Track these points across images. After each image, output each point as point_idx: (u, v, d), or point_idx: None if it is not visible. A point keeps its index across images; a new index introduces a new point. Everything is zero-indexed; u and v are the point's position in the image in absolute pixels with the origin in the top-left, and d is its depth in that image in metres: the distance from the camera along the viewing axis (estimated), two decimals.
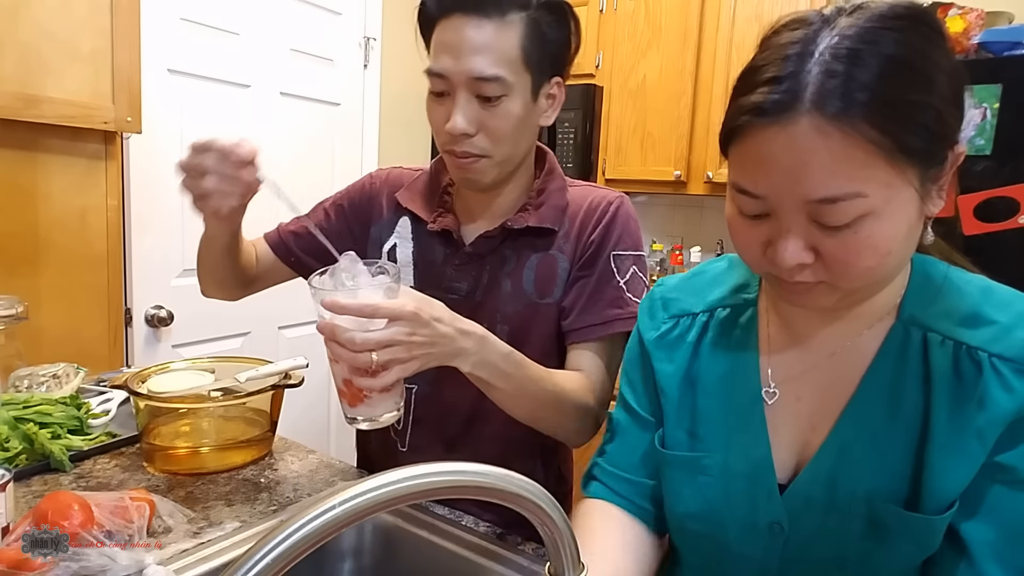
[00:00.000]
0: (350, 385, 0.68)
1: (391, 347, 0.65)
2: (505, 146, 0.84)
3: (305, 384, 1.04)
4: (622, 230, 0.91)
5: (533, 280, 0.90)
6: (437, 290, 0.87)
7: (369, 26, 2.53)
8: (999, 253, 1.50)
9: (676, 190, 2.36)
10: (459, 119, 0.81)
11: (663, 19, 2.33)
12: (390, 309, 0.64)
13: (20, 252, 1.42)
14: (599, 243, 0.90)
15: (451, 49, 0.80)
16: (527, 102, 0.84)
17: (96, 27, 1.45)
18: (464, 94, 0.81)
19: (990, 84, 1.48)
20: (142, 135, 1.67)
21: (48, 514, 0.69)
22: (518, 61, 0.80)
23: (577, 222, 0.92)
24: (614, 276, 0.89)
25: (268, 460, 1.02)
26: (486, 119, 0.82)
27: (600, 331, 0.88)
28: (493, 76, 0.79)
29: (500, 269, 0.91)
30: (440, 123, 0.84)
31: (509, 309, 0.90)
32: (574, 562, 0.49)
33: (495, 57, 0.79)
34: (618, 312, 0.88)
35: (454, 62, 0.80)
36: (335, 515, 0.37)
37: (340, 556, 0.89)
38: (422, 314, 0.66)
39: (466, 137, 0.82)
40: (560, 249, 0.91)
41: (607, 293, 0.89)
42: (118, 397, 1.16)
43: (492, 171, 0.86)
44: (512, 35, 0.80)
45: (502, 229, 0.90)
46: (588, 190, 0.95)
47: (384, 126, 2.64)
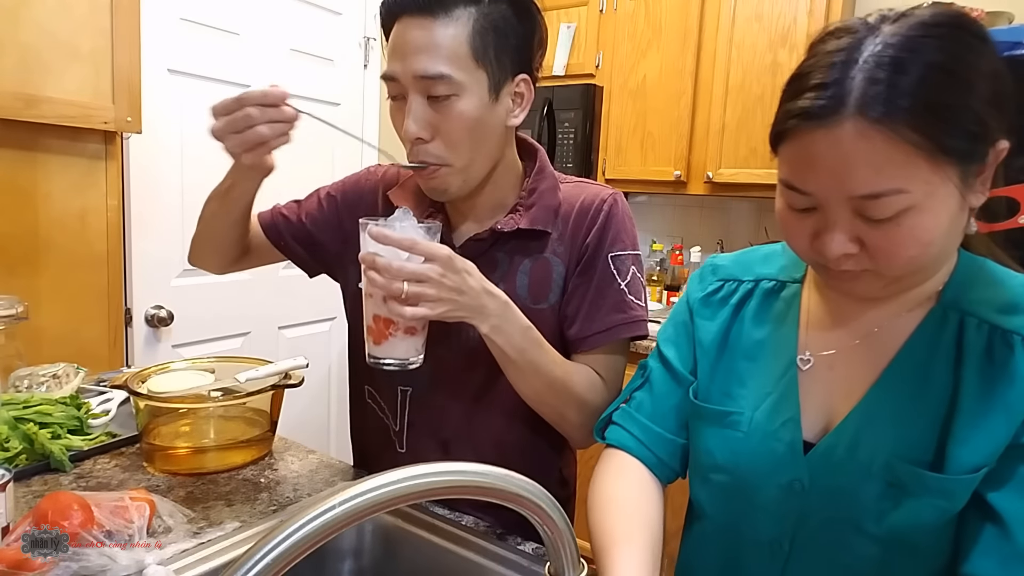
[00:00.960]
0: (378, 321, 0.75)
1: (422, 282, 0.70)
2: (463, 151, 0.81)
3: (305, 384, 1.04)
4: (618, 230, 0.89)
5: (527, 285, 0.88)
6: None
7: (369, 26, 2.53)
8: None
9: (676, 190, 2.36)
10: (410, 123, 0.79)
11: (663, 19, 2.33)
12: (427, 247, 0.71)
13: (20, 252, 1.42)
14: (595, 245, 0.87)
15: (398, 51, 0.79)
16: (484, 102, 0.80)
17: (96, 27, 1.45)
18: (414, 96, 0.79)
19: None
20: (142, 135, 1.67)
21: (48, 514, 0.69)
22: (467, 57, 0.78)
23: (570, 223, 0.89)
24: (615, 279, 0.87)
25: (268, 460, 1.02)
26: (438, 122, 0.79)
27: (605, 338, 0.87)
28: (437, 74, 0.77)
29: (492, 273, 0.87)
30: (399, 129, 0.82)
31: None
32: (574, 562, 0.49)
33: (440, 55, 0.77)
34: (622, 317, 0.87)
35: (401, 63, 0.78)
36: (335, 515, 0.37)
37: (340, 556, 0.89)
38: (456, 260, 0.72)
39: (421, 143, 0.80)
40: (554, 252, 0.88)
41: (609, 298, 0.87)
42: (118, 397, 1.16)
43: (455, 180, 0.83)
44: (459, 31, 0.77)
45: (491, 232, 0.87)
46: (580, 187, 0.92)
47: (384, 126, 2.64)
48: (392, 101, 0.83)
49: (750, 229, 2.53)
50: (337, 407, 2.64)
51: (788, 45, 2.10)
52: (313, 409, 2.56)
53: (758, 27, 2.15)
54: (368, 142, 0.86)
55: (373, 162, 2.61)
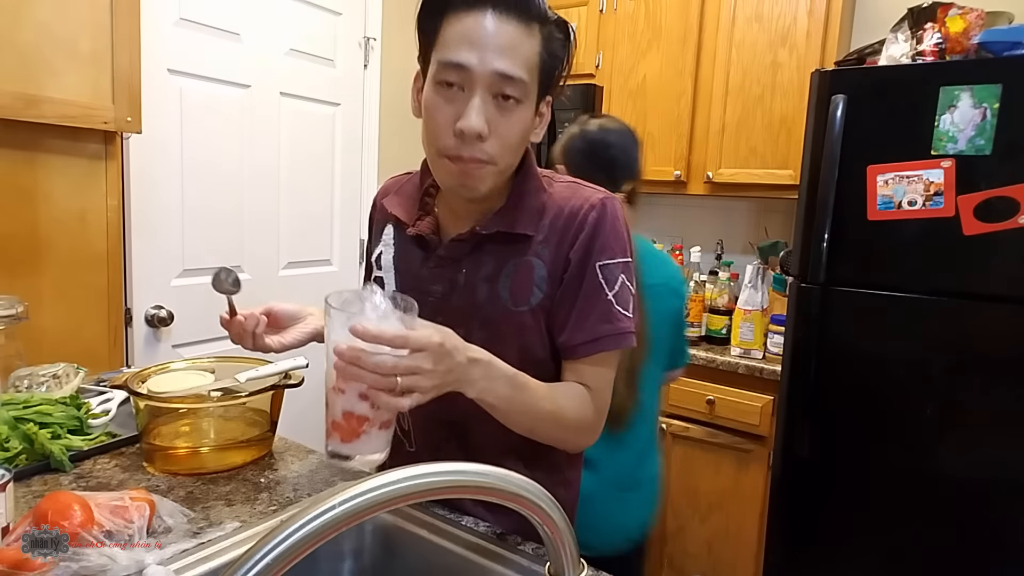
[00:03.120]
0: (350, 418, 0.69)
1: (415, 375, 0.67)
2: (509, 155, 0.82)
3: (305, 384, 1.04)
4: (606, 237, 0.86)
5: (508, 287, 0.87)
6: (416, 292, 0.86)
7: (369, 26, 2.53)
8: (999, 253, 1.50)
9: (676, 190, 2.36)
10: (475, 117, 0.76)
11: (663, 19, 2.33)
12: (419, 340, 0.67)
13: (20, 252, 1.42)
14: (583, 255, 0.85)
15: (475, 43, 0.76)
16: (532, 114, 0.83)
17: (96, 27, 1.45)
18: (481, 91, 0.77)
19: (990, 84, 1.48)
20: (142, 135, 1.67)
21: (48, 514, 0.69)
22: (535, 71, 0.80)
23: (558, 228, 0.87)
24: (602, 289, 0.86)
25: (268, 460, 1.02)
26: (499, 123, 0.78)
27: (591, 348, 0.86)
28: (519, 77, 0.77)
29: (477, 273, 0.88)
30: (447, 122, 0.79)
31: (484, 314, 0.87)
32: (574, 562, 0.49)
33: (521, 60, 0.77)
34: (608, 328, 0.86)
35: (479, 56, 0.76)
36: (335, 515, 0.37)
37: (340, 556, 0.89)
38: (445, 342, 0.70)
39: (478, 140, 0.78)
40: (538, 255, 0.87)
41: (596, 308, 0.86)
42: (118, 397, 1.17)
43: (491, 180, 0.83)
44: (534, 43, 0.79)
45: (472, 233, 0.87)
46: (572, 189, 0.90)
47: (384, 126, 2.64)
48: (439, 88, 0.79)
49: (750, 229, 2.53)
50: None
51: (788, 45, 2.10)
52: (313, 409, 2.55)
53: (758, 27, 2.15)
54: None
55: (373, 161, 2.61)
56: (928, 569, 1.62)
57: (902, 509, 1.64)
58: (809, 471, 1.75)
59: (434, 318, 0.83)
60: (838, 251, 1.66)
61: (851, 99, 1.62)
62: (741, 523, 2.06)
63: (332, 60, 2.42)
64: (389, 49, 2.61)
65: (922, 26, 1.66)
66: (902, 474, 1.63)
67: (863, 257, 1.66)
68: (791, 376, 1.76)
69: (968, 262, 1.53)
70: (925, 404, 1.60)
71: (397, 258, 0.96)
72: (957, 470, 1.57)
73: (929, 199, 1.56)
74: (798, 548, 1.80)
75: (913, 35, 1.68)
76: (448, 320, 0.82)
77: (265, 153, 2.22)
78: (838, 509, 1.73)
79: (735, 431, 2.04)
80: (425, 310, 0.84)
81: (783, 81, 2.12)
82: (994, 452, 1.54)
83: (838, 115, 1.62)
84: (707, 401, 2.06)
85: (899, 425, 1.63)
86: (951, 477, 1.58)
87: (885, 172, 1.61)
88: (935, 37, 1.62)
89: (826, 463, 1.73)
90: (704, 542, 2.13)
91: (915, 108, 1.56)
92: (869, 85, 1.63)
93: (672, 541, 2.18)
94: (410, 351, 0.67)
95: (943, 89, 1.53)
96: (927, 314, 1.59)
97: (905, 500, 1.64)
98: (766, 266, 2.18)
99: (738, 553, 2.07)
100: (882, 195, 1.61)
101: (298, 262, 2.40)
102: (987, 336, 1.54)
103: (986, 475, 1.55)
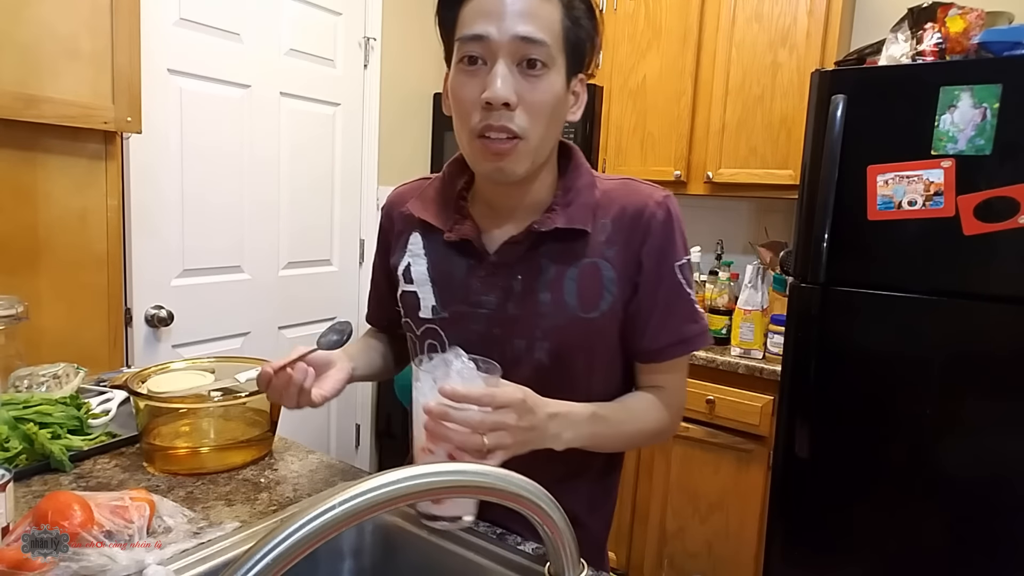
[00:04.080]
0: None
1: (499, 431, 0.68)
2: (540, 127, 0.77)
3: None
4: (677, 236, 0.84)
5: (576, 292, 0.82)
6: (464, 305, 0.85)
7: (369, 26, 2.53)
8: (999, 253, 1.50)
9: (676, 190, 2.35)
10: (500, 85, 0.73)
11: (663, 19, 2.33)
12: (504, 397, 0.68)
13: (20, 252, 1.42)
14: (658, 256, 0.83)
15: (492, 13, 0.74)
16: (563, 86, 0.78)
17: (96, 27, 1.45)
18: (505, 61, 0.74)
19: (990, 84, 1.48)
20: (142, 135, 1.67)
21: (48, 514, 0.69)
22: (559, 38, 0.76)
23: (623, 227, 0.83)
24: (683, 289, 0.84)
25: (268, 460, 1.02)
26: (526, 91, 0.75)
27: (680, 350, 0.85)
28: (541, 40, 0.74)
29: (536, 279, 0.82)
30: (472, 97, 0.76)
31: (549, 323, 0.82)
32: (574, 562, 0.49)
33: (541, 23, 0.74)
34: (694, 328, 0.85)
35: (497, 24, 0.73)
36: (335, 515, 0.37)
37: (340, 556, 0.89)
38: (527, 400, 0.70)
39: (506, 109, 0.74)
40: (603, 256, 0.82)
41: (680, 308, 0.84)
42: (118, 397, 1.16)
43: (526, 159, 0.78)
44: (553, 8, 0.76)
45: (528, 233, 0.82)
46: (628, 187, 0.86)
47: (384, 126, 2.64)
48: (462, 66, 0.77)
49: (750, 229, 2.54)
50: (337, 407, 2.64)
51: (788, 45, 2.10)
52: (313, 409, 2.55)
53: (758, 27, 2.15)
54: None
55: (373, 161, 2.61)
56: (928, 569, 1.62)
57: (902, 509, 1.64)
58: (809, 471, 1.75)
59: (489, 331, 0.83)
60: (838, 251, 1.66)
61: (851, 99, 1.62)
62: (741, 523, 2.06)
63: (332, 60, 2.42)
64: (389, 49, 2.61)
65: (922, 26, 1.66)
66: (902, 474, 1.63)
67: (863, 257, 1.65)
68: (791, 376, 1.76)
69: (968, 262, 1.53)
70: (925, 404, 1.60)
71: (433, 269, 0.89)
72: (957, 470, 1.57)
73: (929, 199, 1.56)
74: (798, 548, 1.80)
75: (913, 35, 1.68)
76: (505, 332, 0.82)
77: (265, 153, 2.22)
78: (838, 509, 1.73)
79: (735, 431, 2.04)
80: (478, 323, 0.84)
81: (783, 81, 2.12)
82: (994, 452, 1.54)
83: (838, 115, 1.62)
84: (707, 401, 2.06)
85: (899, 425, 1.63)
86: (951, 477, 1.58)
87: (885, 172, 1.61)
88: (935, 37, 1.62)
89: (826, 463, 1.73)
90: (704, 542, 2.13)
91: (915, 108, 1.56)
92: (869, 85, 1.63)
93: (672, 541, 2.18)
94: (495, 407, 0.68)
95: (943, 89, 1.53)
96: (927, 314, 1.59)
97: (905, 500, 1.64)
98: (767, 266, 2.19)
99: (738, 553, 2.07)
100: (882, 195, 1.61)
101: (298, 262, 2.40)
102: (987, 336, 1.53)
103: (986, 475, 1.55)
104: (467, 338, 0.82)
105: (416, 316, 0.89)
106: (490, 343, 0.82)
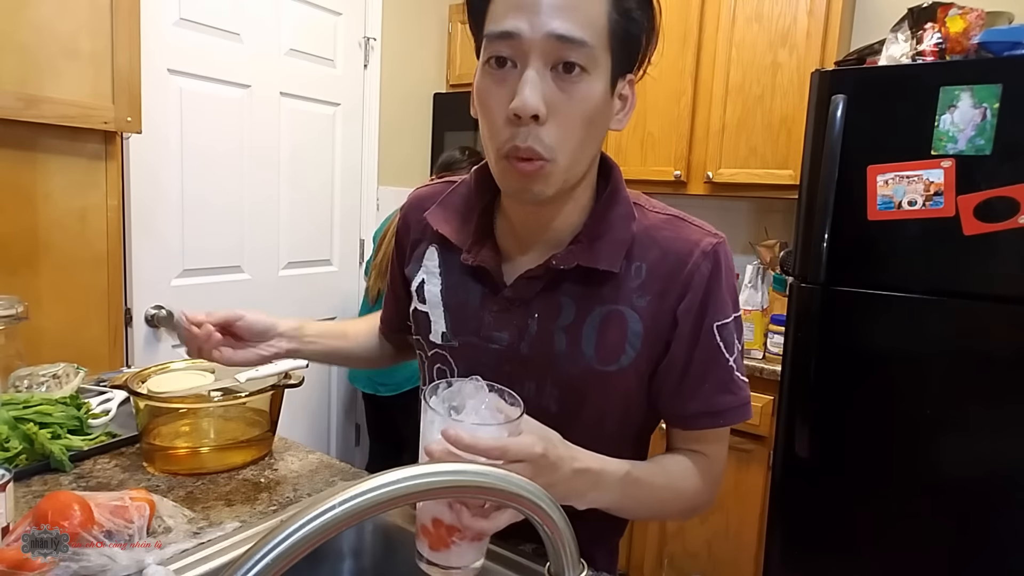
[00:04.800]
0: (439, 526, 0.60)
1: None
2: (572, 144, 0.67)
3: (305, 384, 1.04)
4: (723, 292, 0.73)
5: (595, 341, 0.73)
6: (475, 337, 0.77)
7: (369, 26, 2.53)
8: (999, 253, 1.50)
9: (676, 190, 2.35)
10: (529, 94, 0.62)
11: (663, 19, 2.32)
12: (520, 451, 0.57)
13: (20, 252, 1.42)
14: (697, 314, 0.72)
15: (525, 6, 0.63)
16: (605, 92, 0.67)
17: (96, 27, 1.45)
18: (535, 64, 0.63)
19: (990, 84, 1.47)
20: (142, 135, 1.67)
21: (48, 514, 0.69)
22: (603, 33, 0.65)
23: (660, 275, 0.73)
24: (721, 353, 0.73)
25: (268, 460, 1.02)
26: (560, 102, 0.64)
27: (710, 422, 0.75)
28: (579, 39, 0.62)
29: (553, 321, 0.74)
30: (499, 107, 0.65)
31: (562, 371, 0.74)
32: (574, 562, 0.49)
33: (580, 20, 0.63)
34: (729, 400, 0.74)
35: (530, 19, 0.62)
36: (335, 515, 0.37)
37: (340, 556, 0.89)
38: (549, 455, 0.60)
39: (534, 122, 0.64)
40: (631, 305, 0.72)
41: (714, 375, 0.74)
42: (118, 397, 1.16)
43: (557, 180, 0.68)
44: (599, 4, 0.64)
45: (546, 269, 0.73)
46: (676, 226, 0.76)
47: (384, 126, 2.64)
48: (489, 68, 0.66)
49: (750, 229, 2.53)
50: (337, 407, 2.64)
51: (788, 45, 2.10)
52: (313, 409, 2.56)
53: (758, 27, 2.15)
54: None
55: (373, 161, 2.61)
56: (928, 569, 1.62)
57: (902, 509, 1.64)
58: (809, 471, 1.75)
59: (500, 368, 0.74)
60: (838, 251, 1.65)
61: (851, 99, 1.62)
62: (741, 523, 2.06)
63: (332, 60, 2.42)
64: (389, 49, 2.61)
65: (922, 26, 1.66)
66: (902, 474, 1.63)
67: (863, 257, 1.65)
68: (791, 376, 1.76)
69: (968, 262, 1.53)
70: (925, 404, 1.60)
71: (447, 292, 0.81)
72: (957, 470, 1.57)
73: (929, 199, 1.56)
74: (798, 548, 1.80)
75: (913, 35, 1.68)
76: (516, 372, 0.74)
77: (265, 153, 2.22)
78: (838, 509, 1.73)
79: (735, 431, 2.03)
80: (489, 358, 0.76)
81: (783, 81, 2.12)
82: (994, 452, 1.53)
83: (838, 115, 1.62)
84: None
85: (899, 425, 1.63)
86: (951, 477, 1.58)
87: (885, 172, 1.61)
88: (935, 37, 1.62)
89: (826, 463, 1.73)
90: (704, 542, 2.13)
91: (915, 108, 1.56)
92: (869, 85, 1.63)
93: (672, 541, 2.18)
94: (507, 461, 0.56)
95: (943, 89, 1.52)
96: (927, 314, 1.59)
97: (905, 500, 1.63)
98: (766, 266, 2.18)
99: (738, 553, 2.07)
100: (882, 195, 1.61)
101: (298, 262, 2.40)
102: (987, 336, 1.53)
103: (986, 475, 1.55)
104: (476, 371, 0.72)
105: (427, 338, 0.83)
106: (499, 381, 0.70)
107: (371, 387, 2.28)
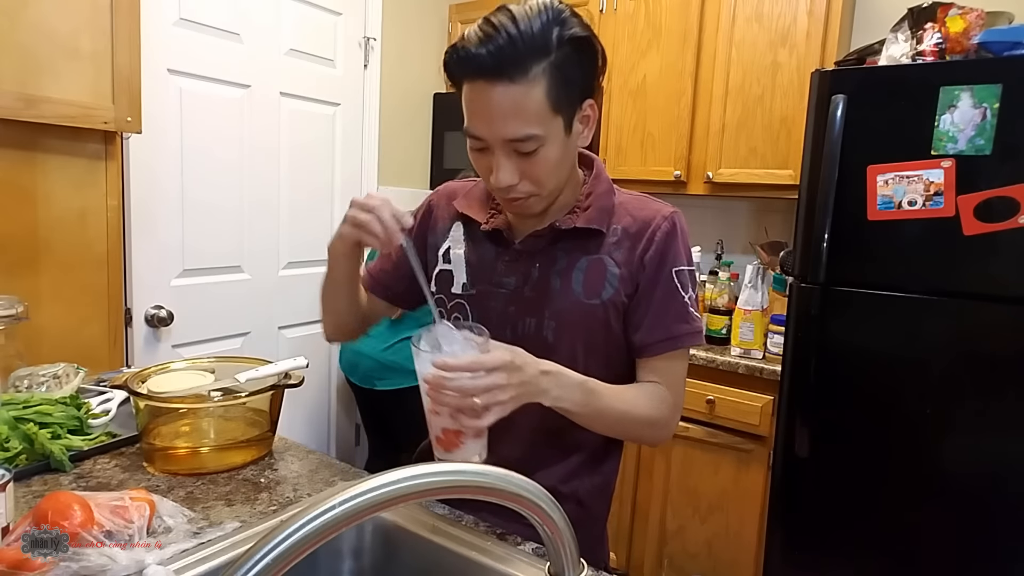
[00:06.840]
0: (448, 433, 0.80)
1: (492, 391, 0.75)
2: (550, 182, 0.88)
3: (305, 384, 1.04)
4: (679, 246, 0.94)
5: (582, 281, 0.93)
6: (488, 284, 0.97)
7: (369, 26, 2.53)
8: (999, 253, 1.50)
9: (676, 190, 2.36)
10: (502, 176, 0.84)
11: (663, 19, 2.33)
12: (492, 361, 0.75)
13: (20, 252, 1.42)
14: (658, 260, 0.92)
15: (482, 114, 0.82)
16: (562, 141, 0.85)
17: (96, 27, 1.45)
18: (502, 152, 0.83)
19: (990, 84, 1.47)
20: (142, 135, 1.67)
21: (48, 514, 0.69)
22: (547, 112, 0.81)
23: (631, 233, 0.93)
24: (679, 292, 0.93)
25: (268, 460, 1.02)
26: (527, 168, 0.84)
27: (668, 345, 0.92)
28: (525, 136, 0.81)
29: (551, 268, 0.94)
30: (485, 170, 0.88)
31: (556, 306, 0.93)
32: (574, 562, 0.49)
33: (524, 118, 0.80)
34: (684, 327, 0.93)
35: (487, 127, 0.82)
36: (335, 515, 0.37)
37: (340, 556, 0.89)
38: (515, 358, 0.77)
39: (511, 188, 0.86)
40: (610, 255, 0.93)
41: (673, 308, 0.92)
42: (118, 397, 1.17)
43: (544, 201, 0.90)
44: (537, 91, 0.79)
45: (550, 229, 0.93)
46: (643, 201, 0.98)
47: (384, 126, 2.64)
48: (473, 150, 0.88)
49: (750, 229, 2.54)
50: (337, 407, 2.64)
51: (788, 45, 2.10)
52: (313, 409, 2.56)
53: (758, 27, 2.15)
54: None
55: (373, 161, 2.61)
56: (928, 569, 1.62)
57: (902, 509, 1.64)
58: (809, 471, 1.75)
59: (506, 309, 0.95)
60: (838, 251, 1.66)
61: (851, 99, 1.62)
62: (741, 523, 2.06)
63: (332, 60, 2.42)
64: (389, 49, 2.61)
65: (922, 26, 1.66)
66: (902, 474, 1.63)
67: (863, 257, 1.65)
68: (791, 376, 1.76)
69: (968, 262, 1.53)
70: (925, 404, 1.60)
71: (469, 252, 1.01)
72: (957, 469, 1.57)
73: (929, 199, 1.56)
74: (798, 548, 1.80)
75: (913, 35, 1.68)
76: (519, 310, 0.94)
77: (265, 153, 2.22)
78: (838, 509, 1.73)
79: (735, 431, 2.04)
80: (498, 301, 0.96)
81: (783, 81, 2.12)
82: (994, 452, 1.54)
83: (838, 115, 1.62)
84: (707, 401, 2.06)
85: (899, 425, 1.63)
86: (951, 476, 1.58)
87: (885, 172, 1.61)
88: (935, 37, 1.62)
89: (826, 463, 1.73)
90: (704, 542, 2.13)
91: (915, 108, 1.56)
92: (869, 85, 1.63)
93: (672, 541, 2.18)
94: (485, 371, 0.74)
95: (943, 89, 1.53)
96: (927, 314, 1.59)
97: (905, 500, 1.64)
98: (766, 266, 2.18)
99: (738, 553, 2.07)
100: (882, 195, 1.61)
101: (298, 262, 2.40)
102: (987, 336, 1.53)
103: (986, 475, 1.55)
104: (487, 314, 0.94)
105: (448, 291, 1.00)
106: (505, 319, 0.93)
107: (367, 382, 2.28)
